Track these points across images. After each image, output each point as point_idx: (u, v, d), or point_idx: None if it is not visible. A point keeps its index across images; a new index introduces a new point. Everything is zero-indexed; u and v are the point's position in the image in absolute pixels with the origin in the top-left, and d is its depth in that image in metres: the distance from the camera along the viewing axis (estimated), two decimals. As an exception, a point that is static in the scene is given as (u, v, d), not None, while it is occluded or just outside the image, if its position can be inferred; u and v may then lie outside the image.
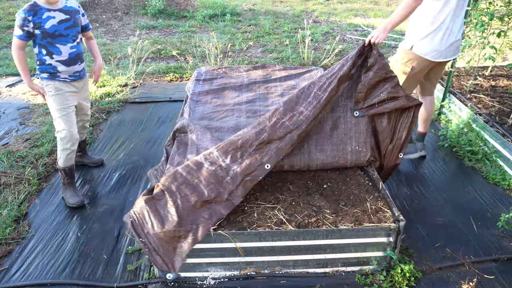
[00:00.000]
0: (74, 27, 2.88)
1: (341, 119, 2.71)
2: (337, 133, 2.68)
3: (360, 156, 2.71)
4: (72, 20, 2.86)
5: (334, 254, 2.36)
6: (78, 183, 3.35)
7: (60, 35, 2.80)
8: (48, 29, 2.73)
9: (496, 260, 2.54)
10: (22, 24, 2.67)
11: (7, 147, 3.87)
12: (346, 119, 2.71)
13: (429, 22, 2.92)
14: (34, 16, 2.67)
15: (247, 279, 2.39)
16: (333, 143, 2.67)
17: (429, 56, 2.99)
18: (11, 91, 5.23)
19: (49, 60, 2.84)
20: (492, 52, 4.02)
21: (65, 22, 2.81)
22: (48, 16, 2.72)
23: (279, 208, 2.44)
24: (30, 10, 2.68)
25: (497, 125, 3.64)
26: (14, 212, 2.97)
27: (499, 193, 3.18)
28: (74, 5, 2.90)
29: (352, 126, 2.69)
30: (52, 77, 2.92)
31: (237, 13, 9.10)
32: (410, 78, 3.09)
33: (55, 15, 2.75)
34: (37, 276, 2.48)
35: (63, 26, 2.80)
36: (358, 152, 2.70)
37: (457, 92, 4.32)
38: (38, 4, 2.71)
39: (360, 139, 2.69)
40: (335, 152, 2.68)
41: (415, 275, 2.39)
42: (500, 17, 3.82)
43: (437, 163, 3.59)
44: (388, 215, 2.37)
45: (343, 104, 2.73)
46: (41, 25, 2.71)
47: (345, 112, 2.72)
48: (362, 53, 2.64)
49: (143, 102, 4.83)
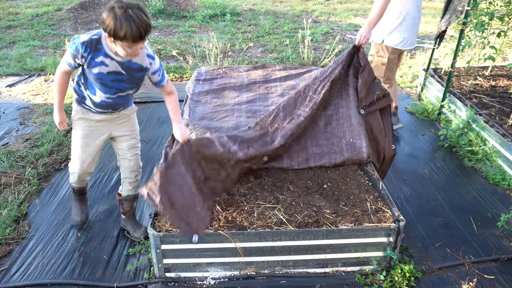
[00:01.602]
0: (126, 83, 2.33)
1: (333, 115, 2.86)
2: (331, 128, 2.83)
3: (355, 147, 2.76)
4: (128, 77, 2.30)
5: (334, 254, 2.36)
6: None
7: (102, 84, 2.29)
8: (94, 74, 2.23)
9: (496, 260, 2.54)
10: (75, 55, 2.17)
11: (7, 147, 3.87)
12: (338, 116, 2.84)
13: (395, 16, 3.35)
14: (89, 54, 2.16)
15: (247, 279, 2.39)
16: (327, 138, 2.81)
17: (400, 46, 3.46)
18: (11, 91, 5.23)
19: (83, 88, 2.38)
20: (492, 52, 4.01)
21: (116, 75, 2.26)
22: (102, 61, 2.19)
23: (279, 208, 2.44)
24: (89, 46, 2.15)
25: (497, 125, 3.64)
26: (14, 212, 2.97)
27: (499, 193, 3.18)
28: (143, 62, 2.28)
29: (344, 121, 2.82)
30: (79, 102, 2.44)
31: (237, 13, 9.10)
32: (389, 66, 3.56)
33: (109, 64, 2.21)
34: (37, 276, 2.48)
35: (111, 77, 2.26)
36: (353, 144, 2.77)
37: (457, 92, 4.32)
38: (101, 42, 2.16)
39: (354, 132, 2.79)
40: (330, 146, 2.79)
41: (415, 275, 2.39)
42: (500, 17, 3.82)
43: (437, 163, 3.59)
44: (388, 215, 2.37)
45: (335, 102, 2.87)
46: (90, 65, 2.21)
47: (336, 110, 2.86)
48: (351, 55, 2.79)
49: (143, 102, 4.82)
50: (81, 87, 2.38)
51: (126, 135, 2.59)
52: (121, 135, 2.58)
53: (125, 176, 2.67)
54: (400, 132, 4.13)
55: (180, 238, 2.26)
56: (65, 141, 3.91)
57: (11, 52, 6.69)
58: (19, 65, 6.01)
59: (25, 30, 7.94)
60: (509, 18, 4.29)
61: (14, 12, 9.21)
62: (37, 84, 5.42)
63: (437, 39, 4.63)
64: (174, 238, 2.26)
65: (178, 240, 2.27)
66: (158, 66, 2.35)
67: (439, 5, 9.92)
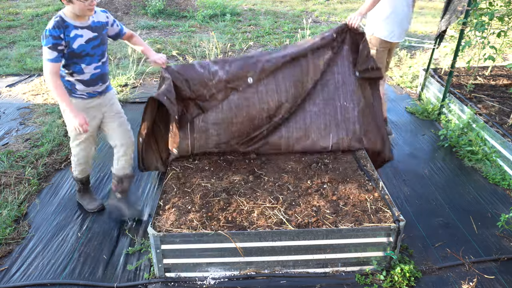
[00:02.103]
0: (101, 46, 2.55)
1: (330, 80, 2.94)
2: (328, 90, 2.93)
3: (348, 111, 2.89)
4: (100, 38, 2.52)
5: (334, 254, 2.36)
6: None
7: (86, 55, 2.47)
8: (76, 49, 2.40)
9: (496, 260, 2.54)
10: (56, 43, 2.31)
11: (7, 147, 3.87)
12: (334, 81, 2.95)
13: (384, 10, 3.51)
14: (63, 33, 2.34)
15: (247, 279, 2.39)
16: (324, 98, 2.91)
17: (388, 38, 3.62)
18: (11, 91, 5.23)
19: (68, 77, 2.52)
20: (492, 52, 4.01)
21: (93, 40, 2.48)
22: (75, 34, 2.39)
23: (279, 208, 2.44)
24: (59, 27, 2.33)
25: (497, 125, 3.64)
26: (14, 212, 2.97)
27: (499, 193, 3.18)
28: (102, 18, 2.55)
29: (339, 86, 2.93)
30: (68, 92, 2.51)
31: (237, 13, 9.10)
32: (377, 58, 3.64)
33: (83, 33, 2.42)
34: (37, 276, 2.48)
35: (90, 45, 2.47)
36: (346, 108, 2.90)
37: (457, 92, 4.32)
38: (65, 20, 2.37)
39: (347, 96, 2.91)
40: (326, 106, 2.90)
41: (415, 275, 2.39)
42: (500, 17, 3.82)
43: (437, 163, 3.59)
44: (388, 215, 2.37)
45: (331, 70, 2.95)
46: (69, 44, 2.38)
47: (332, 75, 2.95)
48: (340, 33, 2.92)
49: (143, 102, 4.82)
50: (65, 78, 2.52)
51: (115, 114, 2.79)
52: (111, 115, 2.77)
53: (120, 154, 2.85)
54: (400, 132, 4.13)
55: (179, 238, 2.26)
56: (65, 141, 3.91)
57: (11, 52, 6.69)
58: (19, 65, 6.01)
59: (25, 30, 7.94)
60: (509, 18, 4.29)
61: (14, 12, 9.21)
62: (37, 84, 5.42)
63: (437, 39, 4.63)
64: (174, 238, 2.26)
65: (178, 240, 2.27)
66: (113, 18, 2.67)
67: (439, 5, 9.92)
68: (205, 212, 2.41)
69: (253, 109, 2.76)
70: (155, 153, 3.01)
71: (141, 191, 3.26)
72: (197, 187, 2.62)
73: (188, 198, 2.53)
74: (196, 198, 2.51)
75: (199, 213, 2.39)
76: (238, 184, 2.65)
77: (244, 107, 2.74)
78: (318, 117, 2.86)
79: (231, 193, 2.57)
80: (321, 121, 2.87)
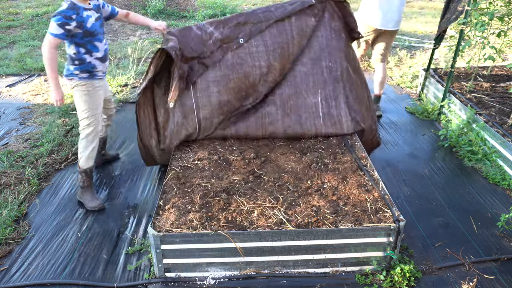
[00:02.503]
0: (103, 25, 2.95)
1: (315, 44, 3.15)
2: (314, 50, 3.14)
3: (333, 71, 3.10)
4: (101, 18, 2.92)
5: (334, 254, 2.36)
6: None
7: (98, 33, 2.83)
8: (89, 28, 2.75)
9: (496, 260, 2.54)
10: (64, 22, 2.63)
11: (7, 147, 3.87)
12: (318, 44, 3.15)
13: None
14: (77, 15, 2.67)
15: (247, 279, 2.39)
16: (311, 58, 3.13)
17: (373, 24, 4.03)
18: (11, 91, 5.23)
19: (89, 59, 2.84)
20: (492, 52, 4.01)
21: (98, 20, 2.85)
22: (87, 15, 2.74)
23: (279, 208, 2.44)
24: (72, 8, 2.66)
25: (497, 125, 3.64)
26: (14, 212, 2.97)
27: (499, 193, 3.18)
28: (96, 2, 2.90)
29: (324, 47, 3.14)
30: (91, 76, 2.90)
31: (237, 13, 9.10)
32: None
33: (91, 14, 2.78)
34: (37, 276, 2.48)
35: (98, 24, 2.83)
36: (331, 67, 3.11)
37: (457, 92, 4.32)
38: (75, 3, 2.69)
39: (331, 57, 3.13)
40: (313, 67, 3.11)
41: (415, 275, 2.40)
42: (500, 17, 3.82)
43: (437, 163, 3.59)
44: (388, 215, 2.37)
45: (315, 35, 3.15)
46: (83, 24, 2.71)
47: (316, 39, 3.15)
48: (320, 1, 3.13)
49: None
50: (85, 55, 2.82)
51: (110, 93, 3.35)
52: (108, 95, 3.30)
53: (108, 123, 3.48)
54: (400, 132, 4.13)
55: (180, 238, 2.26)
56: (65, 141, 3.91)
57: (11, 52, 6.69)
58: (19, 65, 6.01)
59: (25, 30, 7.94)
60: (509, 18, 4.29)
61: (14, 12, 9.21)
62: (37, 84, 5.42)
63: (437, 39, 4.63)
64: (174, 238, 2.26)
65: (178, 240, 2.27)
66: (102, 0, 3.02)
67: (439, 5, 9.91)
68: (205, 212, 2.41)
69: (246, 66, 3.01)
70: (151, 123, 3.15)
71: (141, 190, 3.26)
72: (197, 187, 2.62)
73: (188, 198, 2.53)
74: (196, 198, 2.51)
75: (199, 213, 2.39)
76: (238, 184, 2.65)
77: (238, 65, 3.01)
78: (307, 76, 3.10)
79: (231, 193, 2.57)
80: (309, 79, 3.10)
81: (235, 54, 3.01)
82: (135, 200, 3.15)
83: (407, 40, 7.12)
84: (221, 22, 3.04)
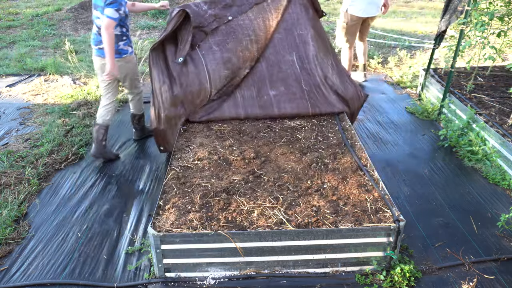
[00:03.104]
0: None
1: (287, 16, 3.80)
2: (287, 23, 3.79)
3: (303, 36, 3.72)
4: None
5: (334, 254, 2.36)
6: (78, 182, 3.35)
7: (127, 17, 3.36)
8: (127, 12, 3.32)
9: (496, 260, 2.54)
10: (119, 8, 3.15)
11: (7, 147, 3.87)
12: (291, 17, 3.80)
13: None
14: (123, 2, 3.21)
15: (247, 279, 2.39)
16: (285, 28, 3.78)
17: (359, 14, 4.74)
18: (11, 91, 5.23)
19: (125, 37, 3.41)
20: (492, 52, 4.01)
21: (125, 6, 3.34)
22: (124, 1, 3.27)
23: (279, 208, 2.44)
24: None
25: (497, 125, 3.64)
26: (14, 212, 2.97)
27: (499, 193, 3.18)
28: None
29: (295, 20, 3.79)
30: (133, 50, 3.53)
31: (237, 13, 9.08)
32: (348, 30, 4.89)
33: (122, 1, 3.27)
34: (37, 276, 2.48)
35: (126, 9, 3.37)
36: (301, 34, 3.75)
37: (457, 92, 4.32)
38: None
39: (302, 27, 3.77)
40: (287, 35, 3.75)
41: (415, 275, 2.40)
42: (500, 17, 3.82)
43: (437, 163, 3.59)
44: (388, 215, 2.37)
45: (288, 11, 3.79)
46: (124, 9, 3.27)
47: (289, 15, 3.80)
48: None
49: (143, 102, 4.81)
50: (127, 32, 3.41)
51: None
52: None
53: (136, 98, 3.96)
54: (400, 132, 4.13)
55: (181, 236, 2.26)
56: (65, 141, 3.91)
57: (11, 52, 6.69)
58: (19, 65, 6.02)
59: (25, 30, 7.94)
60: (509, 18, 4.29)
61: (14, 12, 9.21)
62: (37, 84, 5.42)
63: (437, 39, 4.63)
64: (174, 238, 2.26)
65: (178, 240, 2.27)
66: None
67: (439, 5, 9.92)
68: (205, 212, 2.41)
69: (238, 33, 3.60)
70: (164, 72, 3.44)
71: (141, 190, 3.26)
72: (197, 187, 2.63)
73: (188, 198, 2.53)
74: (196, 198, 2.52)
75: (199, 213, 2.39)
76: (238, 184, 2.65)
77: (232, 33, 3.60)
78: (282, 41, 3.76)
79: (231, 193, 2.57)
80: (285, 43, 3.76)
81: (227, 25, 3.64)
82: (135, 200, 3.15)
83: (407, 40, 7.12)
84: (212, 3, 3.64)
